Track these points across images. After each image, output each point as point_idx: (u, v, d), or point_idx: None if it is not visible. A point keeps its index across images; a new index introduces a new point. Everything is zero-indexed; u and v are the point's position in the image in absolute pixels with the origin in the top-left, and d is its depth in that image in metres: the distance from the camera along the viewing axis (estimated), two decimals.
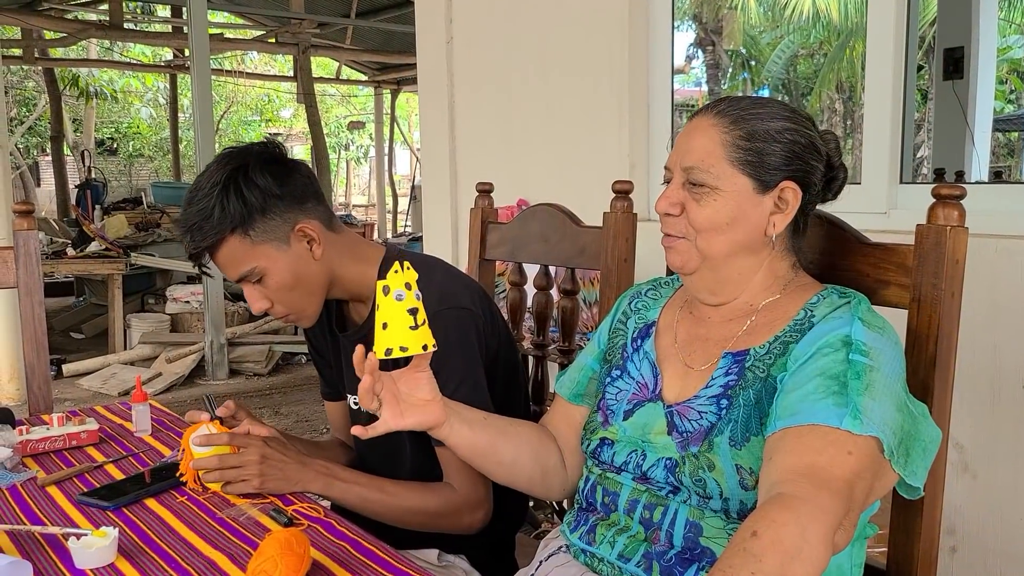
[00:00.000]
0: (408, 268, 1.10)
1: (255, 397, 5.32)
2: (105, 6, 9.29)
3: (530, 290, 1.87)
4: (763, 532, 0.80)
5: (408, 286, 1.08)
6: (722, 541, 1.00)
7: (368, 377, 1.09)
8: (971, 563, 1.74)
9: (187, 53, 6.56)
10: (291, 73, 12.82)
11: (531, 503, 1.74)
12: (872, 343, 0.97)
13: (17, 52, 10.45)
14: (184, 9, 6.22)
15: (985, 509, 1.71)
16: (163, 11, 11.19)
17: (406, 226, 14.11)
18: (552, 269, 1.86)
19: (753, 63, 13.28)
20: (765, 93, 13.38)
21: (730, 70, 13.26)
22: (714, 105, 1.10)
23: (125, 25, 9.24)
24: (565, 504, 1.35)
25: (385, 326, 1.08)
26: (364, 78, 13.76)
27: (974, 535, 1.73)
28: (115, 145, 20.57)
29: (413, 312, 1.07)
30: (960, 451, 1.72)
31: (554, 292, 1.84)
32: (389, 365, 1.16)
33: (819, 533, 0.81)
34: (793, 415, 0.94)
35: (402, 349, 1.07)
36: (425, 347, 1.08)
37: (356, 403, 1.50)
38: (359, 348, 1.11)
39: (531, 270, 1.85)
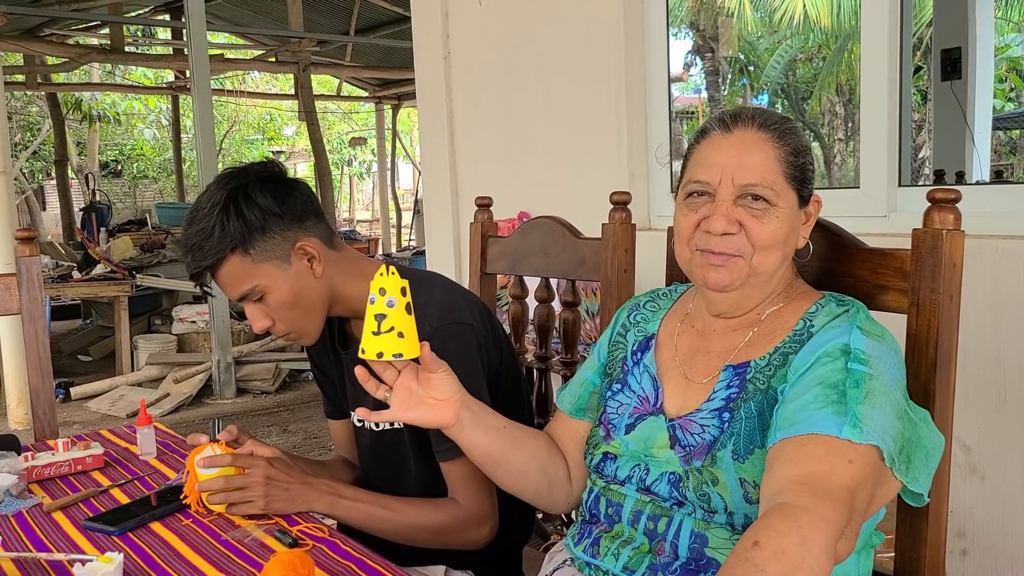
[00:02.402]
0: (393, 272, 1.09)
1: (263, 415, 5.33)
2: (106, 30, 9.37)
3: (532, 303, 1.88)
4: (765, 542, 0.80)
5: (382, 291, 1.07)
6: (728, 551, 0.99)
7: (360, 368, 1.12)
8: (982, 565, 1.72)
9: (188, 74, 6.60)
10: (292, 91, 12.88)
11: (539, 515, 1.74)
12: (871, 351, 0.97)
13: (20, 78, 10.54)
14: (184, 31, 6.27)
15: (995, 511, 1.70)
16: (163, 33, 11.30)
17: (410, 240, 14.14)
18: (553, 281, 1.86)
19: (752, 68, 13.29)
20: (764, 99, 13.38)
21: (729, 76, 13.27)
22: (751, 117, 1.07)
23: (126, 49, 9.31)
24: (574, 515, 1.35)
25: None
26: (365, 94, 13.83)
27: (984, 537, 1.72)
28: (119, 167, 20.65)
29: (379, 317, 1.06)
30: (967, 453, 1.72)
31: (556, 304, 1.84)
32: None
33: (821, 543, 0.80)
34: (793, 425, 0.93)
35: (362, 351, 1.08)
36: (380, 354, 1.06)
37: (360, 420, 1.50)
38: (359, 368, 1.12)
39: (532, 283, 1.85)
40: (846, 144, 13.34)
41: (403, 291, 1.08)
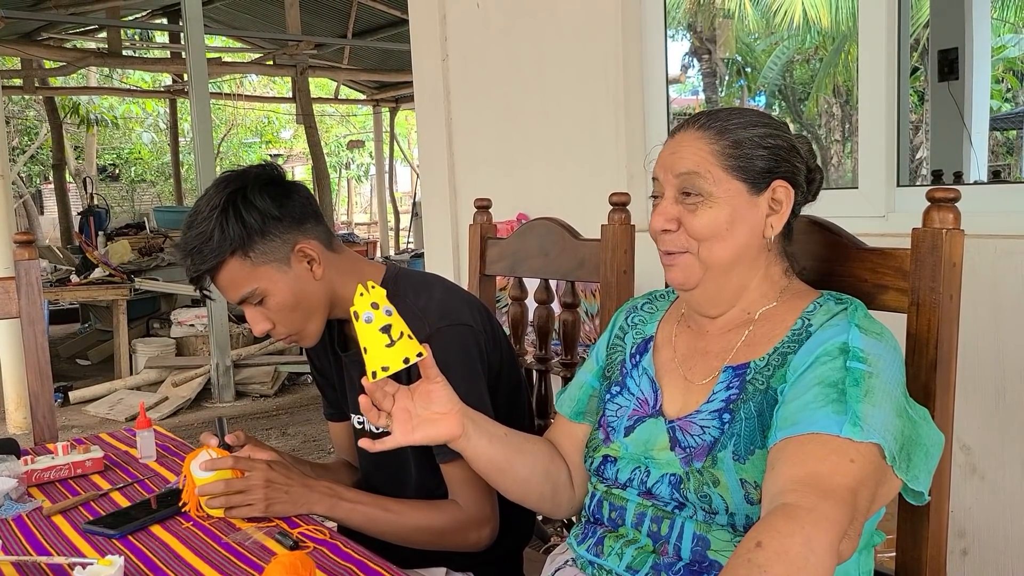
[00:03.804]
0: (373, 287, 1.10)
1: (262, 418, 5.32)
2: (103, 34, 9.37)
3: (531, 304, 1.88)
4: (768, 543, 0.80)
5: (375, 305, 1.08)
6: (729, 554, 0.99)
7: (363, 397, 1.11)
8: (983, 565, 1.72)
9: (186, 78, 6.59)
10: (290, 94, 12.88)
11: (539, 518, 1.74)
12: (870, 349, 0.97)
13: (18, 82, 10.53)
14: (182, 35, 6.27)
15: (995, 510, 1.70)
16: (161, 37, 11.28)
17: (408, 242, 14.14)
18: (552, 283, 1.86)
19: (749, 70, 13.31)
20: (761, 100, 13.40)
21: (726, 78, 13.29)
22: (695, 120, 1.11)
23: (124, 52, 9.30)
24: (573, 518, 1.35)
25: (366, 350, 1.08)
26: (362, 97, 13.82)
27: (985, 537, 1.72)
28: (117, 171, 20.63)
29: (385, 329, 1.07)
30: (967, 453, 1.72)
31: (555, 305, 1.84)
32: (403, 379, 1.16)
33: (824, 543, 0.80)
34: (793, 424, 0.93)
35: (383, 369, 1.07)
36: (407, 360, 1.07)
37: (360, 422, 1.50)
38: (363, 398, 1.12)
39: (532, 284, 1.85)
40: (843, 145, 13.35)
41: (388, 299, 1.10)
